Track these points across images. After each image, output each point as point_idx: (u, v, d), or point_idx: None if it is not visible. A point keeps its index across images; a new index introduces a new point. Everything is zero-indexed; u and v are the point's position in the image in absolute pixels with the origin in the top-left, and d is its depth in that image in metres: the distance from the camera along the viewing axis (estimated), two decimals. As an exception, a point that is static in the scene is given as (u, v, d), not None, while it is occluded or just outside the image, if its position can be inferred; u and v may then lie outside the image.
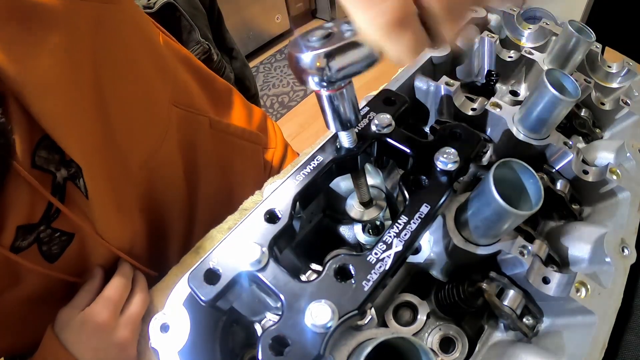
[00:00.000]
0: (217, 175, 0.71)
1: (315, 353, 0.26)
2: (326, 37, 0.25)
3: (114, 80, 0.47)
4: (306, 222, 0.48)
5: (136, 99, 0.52)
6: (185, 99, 0.62)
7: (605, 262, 0.35)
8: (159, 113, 0.56)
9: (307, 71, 0.25)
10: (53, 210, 0.44)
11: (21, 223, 0.42)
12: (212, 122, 0.67)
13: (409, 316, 0.40)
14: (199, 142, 0.65)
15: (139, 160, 0.54)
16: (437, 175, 0.35)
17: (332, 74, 0.25)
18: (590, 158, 0.47)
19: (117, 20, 0.47)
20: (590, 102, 0.54)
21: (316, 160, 0.36)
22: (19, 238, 0.42)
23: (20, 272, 0.45)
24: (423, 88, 0.51)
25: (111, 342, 0.47)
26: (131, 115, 0.51)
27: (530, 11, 0.65)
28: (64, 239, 0.47)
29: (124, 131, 0.50)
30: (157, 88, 0.55)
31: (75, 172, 0.45)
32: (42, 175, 0.42)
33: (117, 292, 0.50)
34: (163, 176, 0.59)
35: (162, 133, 0.57)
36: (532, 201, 0.32)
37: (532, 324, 0.36)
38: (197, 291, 0.29)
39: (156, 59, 0.56)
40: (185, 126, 0.61)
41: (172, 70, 0.60)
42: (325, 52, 0.24)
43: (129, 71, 0.50)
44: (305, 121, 2.07)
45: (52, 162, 0.43)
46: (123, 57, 0.49)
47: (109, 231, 0.50)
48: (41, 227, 0.44)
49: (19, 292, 0.45)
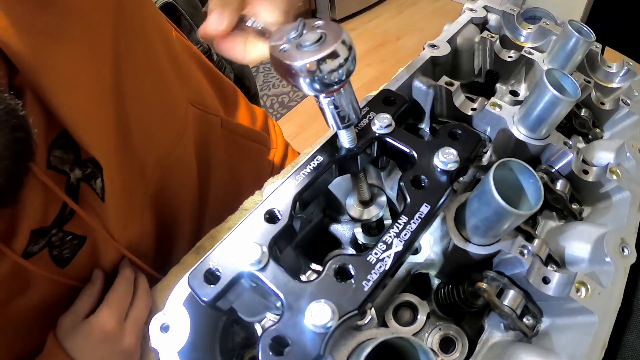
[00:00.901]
0: (226, 176, 0.70)
1: (315, 353, 0.26)
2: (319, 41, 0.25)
3: (134, 75, 0.45)
4: (306, 222, 0.48)
5: (155, 96, 0.50)
6: (199, 98, 0.61)
7: (605, 262, 0.35)
8: (177, 112, 0.55)
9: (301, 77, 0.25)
10: (67, 212, 0.43)
11: (35, 227, 0.40)
12: (224, 122, 0.67)
13: (409, 316, 0.40)
14: (211, 142, 0.65)
15: (155, 160, 0.52)
16: (437, 175, 0.35)
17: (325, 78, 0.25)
18: (590, 158, 0.47)
19: (137, 14, 0.46)
20: (590, 102, 0.54)
21: (316, 160, 0.36)
22: (31, 242, 0.41)
23: (29, 278, 0.43)
24: (423, 88, 0.51)
25: (118, 350, 0.46)
26: (149, 112, 0.50)
27: (530, 11, 0.65)
28: (75, 243, 0.46)
29: (142, 129, 0.49)
30: (175, 86, 0.54)
31: (90, 173, 0.44)
32: (56, 175, 0.41)
33: (121, 299, 0.49)
34: (177, 176, 0.58)
35: (180, 132, 0.55)
36: (532, 201, 0.32)
37: (532, 324, 0.36)
38: (197, 291, 0.29)
39: (173, 55, 0.54)
40: (199, 126, 0.60)
41: (187, 68, 0.59)
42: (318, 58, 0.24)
43: (148, 66, 0.49)
44: (305, 121, 2.07)
45: (67, 162, 0.42)
46: (142, 51, 0.47)
47: (119, 231, 0.49)
48: (53, 231, 0.43)
49: (26, 299, 0.44)
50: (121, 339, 0.47)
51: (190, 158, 0.60)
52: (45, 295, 0.46)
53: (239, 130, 0.71)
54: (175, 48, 0.56)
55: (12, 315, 0.43)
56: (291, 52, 0.25)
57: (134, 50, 0.45)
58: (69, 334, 0.45)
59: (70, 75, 0.38)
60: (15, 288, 0.42)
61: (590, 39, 0.49)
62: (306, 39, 0.25)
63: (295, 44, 0.26)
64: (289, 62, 0.25)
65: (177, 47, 0.57)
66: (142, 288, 0.52)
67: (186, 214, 0.64)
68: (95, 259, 0.50)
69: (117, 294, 0.49)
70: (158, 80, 0.51)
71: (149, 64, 0.49)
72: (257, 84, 1.98)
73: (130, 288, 0.51)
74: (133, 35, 0.45)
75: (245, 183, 0.74)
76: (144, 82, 0.48)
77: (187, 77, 0.58)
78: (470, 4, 0.62)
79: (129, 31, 0.44)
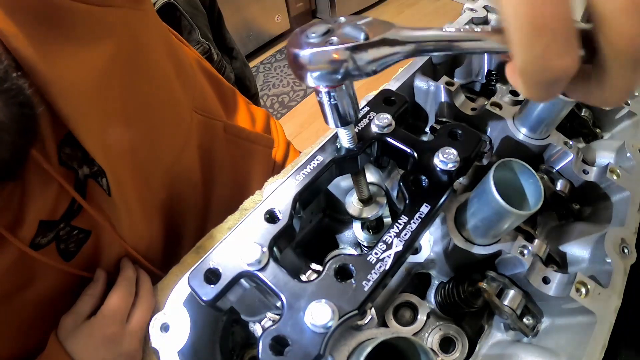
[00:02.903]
0: (231, 179, 0.71)
1: (315, 353, 0.26)
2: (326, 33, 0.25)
3: (142, 85, 0.47)
4: (306, 222, 0.48)
5: (162, 105, 0.52)
6: (202, 104, 0.62)
7: (605, 262, 0.35)
8: (182, 119, 0.56)
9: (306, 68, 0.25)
10: (75, 207, 0.44)
11: (44, 218, 0.42)
12: (227, 126, 0.68)
13: (409, 316, 0.40)
14: (215, 147, 0.66)
15: (165, 165, 0.54)
16: (437, 175, 0.35)
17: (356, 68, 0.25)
18: (590, 158, 0.47)
19: (144, 25, 0.47)
20: (590, 102, 0.53)
21: (316, 160, 0.36)
22: (39, 235, 0.42)
23: (35, 271, 0.44)
24: (423, 88, 0.51)
25: (120, 352, 0.46)
26: (157, 121, 0.51)
27: (530, 11, 0.65)
28: (81, 237, 0.47)
29: (150, 137, 0.50)
30: (180, 94, 0.55)
31: (97, 170, 0.45)
32: (65, 171, 0.42)
33: (122, 301, 0.49)
34: (183, 182, 0.59)
35: (185, 140, 0.57)
36: (532, 201, 0.32)
37: (532, 323, 0.36)
38: (197, 291, 0.29)
39: (177, 63, 0.55)
40: (203, 132, 0.61)
41: (191, 75, 0.60)
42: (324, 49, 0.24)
43: (155, 77, 0.50)
44: (306, 121, 2.07)
45: (75, 159, 0.43)
46: (150, 62, 0.49)
47: (129, 232, 0.50)
48: (61, 225, 0.44)
49: (30, 293, 0.44)
50: (123, 341, 0.47)
51: (194, 164, 0.61)
52: (48, 289, 0.46)
53: (242, 134, 0.72)
54: (180, 56, 0.57)
55: (16, 310, 0.44)
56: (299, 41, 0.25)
57: (141, 61, 0.47)
58: (70, 334, 0.45)
59: (77, 85, 0.39)
60: (20, 279, 0.43)
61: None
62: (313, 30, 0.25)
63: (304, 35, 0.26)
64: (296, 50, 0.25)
65: (182, 55, 0.58)
66: (144, 289, 0.52)
67: (191, 216, 0.65)
68: (99, 253, 0.50)
69: (118, 295, 0.49)
70: (164, 89, 0.52)
71: (155, 74, 0.50)
72: (257, 84, 1.98)
73: (132, 289, 0.51)
74: (140, 47, 0.46)
75: (250, 185, 0.75)
76: (152, 91, 0.49)
77: (191, 84, 0.59)
78: (470, 4, 0.62)
79: (137, 44, 0.45)
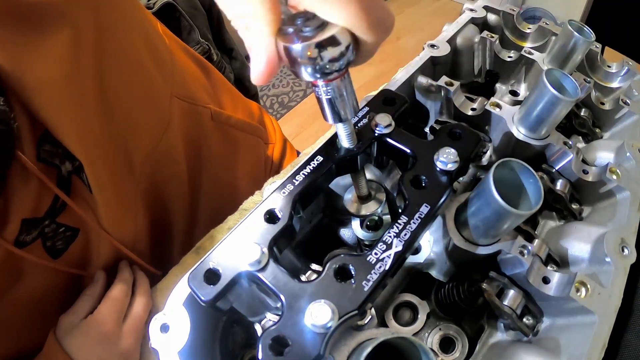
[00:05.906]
0: (220, 169, 0.70)
1: (315, 353, 0.26)
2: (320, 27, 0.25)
3: (115, 72, 0.46)
4: (306, 222, 0.48)
5: (137, 90, 0.51)
6: (186, 91, 0.61)
7: (605, 262, 0.35)
8: (159, 105, 0.55)
9: (299, 62, 0.25)
10: (59, 204, 0.44)
11: (26, 216, 0.41)
12: (214, 113, 0.66)
13: (409, 316, 0.40)
14: (201, 135, 0.65)
15: (142, 154, 0.53)
16: (437, 175, 0.35)
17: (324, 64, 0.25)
18: (590, 158, 0.47)
19: (115, 10, 0.46)
20: (590, 102, 0.54)
21: (316, 160, 0.36)
22: (23, 232, 0.42)
23: (22, 269, 0.44)
24: (423, 88, 0.51)
25: (116, 351, 0.47)
26: (132, 107, 0.50)
27: (530, 11, 0.65)
28: (69, 234, 0.47)
29: (126, 124, 0.49)
30: (156, 79, 0.55)
31: (79, 166, 0.44)
32: (47, 168, 0.42)
33: (118, 299, 0.49)
34: (166, 171, 0.59)
35: (164, 125, 0.56)
36: (532, 201, 0.32)
37: (532, 324, 0.36)
38: (197, 291, 0.29)
39: (153, 50, 0.54)
40: (187, 119, 0.60)
41: (171, 60, 0.59)
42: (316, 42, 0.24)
43: (129, 62, 0.49)
44: (305, 121, 2.07)
45: (56, 156, 0.43)
46: (123, 48, 0.48)
47: (113, 226, 0.50)
48: (46, 222, 0.44)
49: (20, 292, 0.45)
50: (119, 340, 0.47)
51: (178, 151, 0.60)
52: (39, 287, 0.46)
53: (230, 122, 0.70)
54: (156, 43, 0.56)
55: (8, 309, 0.44)
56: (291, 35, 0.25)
57: (113, 48, 0.46)
58: (67, 333, 0.46)
59: (48, 80, 0.38)
60: (8, 278, 0.43)
61: (590, 39, 0.49)
62: (308, 24, 0.25)
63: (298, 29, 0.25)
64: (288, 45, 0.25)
65: (161, 42, 0.57)
66: (141, 289, 0.53)
67: (179, 208, 0.64)
68: (89, 251, 0.50)
69: (115, 294, 0.49)
70: (139, 74, 0.51)
71: (129, 59, 0.49)
72: (257, 84, 1.98)
73: (129, 289, 0.51)
74: (111, 33, 0.45)
75: (241, 176, 0.74)
76: (126, 77, 0.48)
77: (170, 71, 0.58)
78: (470, 4, 0.62)
79: (108, 30, 0.44)
